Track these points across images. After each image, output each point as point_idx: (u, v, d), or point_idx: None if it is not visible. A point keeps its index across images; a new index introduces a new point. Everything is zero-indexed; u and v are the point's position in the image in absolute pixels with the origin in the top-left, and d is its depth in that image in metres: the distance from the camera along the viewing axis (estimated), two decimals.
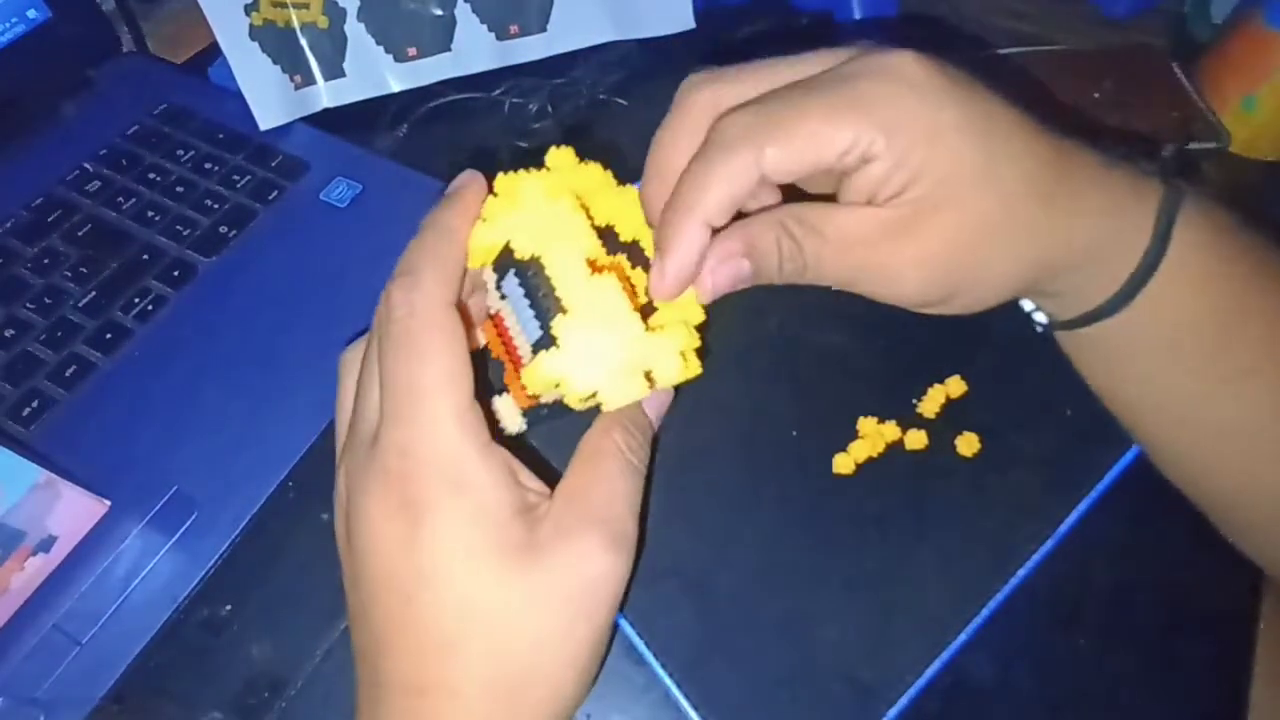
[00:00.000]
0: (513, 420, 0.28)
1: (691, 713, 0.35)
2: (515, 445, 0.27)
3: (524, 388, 0.27)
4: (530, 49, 0.55)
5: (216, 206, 0.50)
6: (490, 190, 0.28)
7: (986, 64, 0.55)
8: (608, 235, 0.29)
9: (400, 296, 0.26)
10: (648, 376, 0.26)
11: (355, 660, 0.28)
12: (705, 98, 0.27)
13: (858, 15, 0.57)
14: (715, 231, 0.26)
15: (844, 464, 0.40)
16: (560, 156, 0.29)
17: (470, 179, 0.29)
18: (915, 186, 0.25)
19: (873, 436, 0.41)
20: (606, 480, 0.27)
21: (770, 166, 0.25)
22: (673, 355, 0.26)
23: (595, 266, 0.27)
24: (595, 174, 0.29)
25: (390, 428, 0.25)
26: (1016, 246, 0.26)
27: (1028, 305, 0.32)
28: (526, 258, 0.27)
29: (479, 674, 0.25)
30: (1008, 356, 0.43)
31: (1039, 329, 0.32)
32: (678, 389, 0.29)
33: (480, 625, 0.25)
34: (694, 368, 0.27)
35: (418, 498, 0.25)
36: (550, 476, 0.28)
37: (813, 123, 0.25)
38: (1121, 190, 0.28)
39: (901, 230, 0.25)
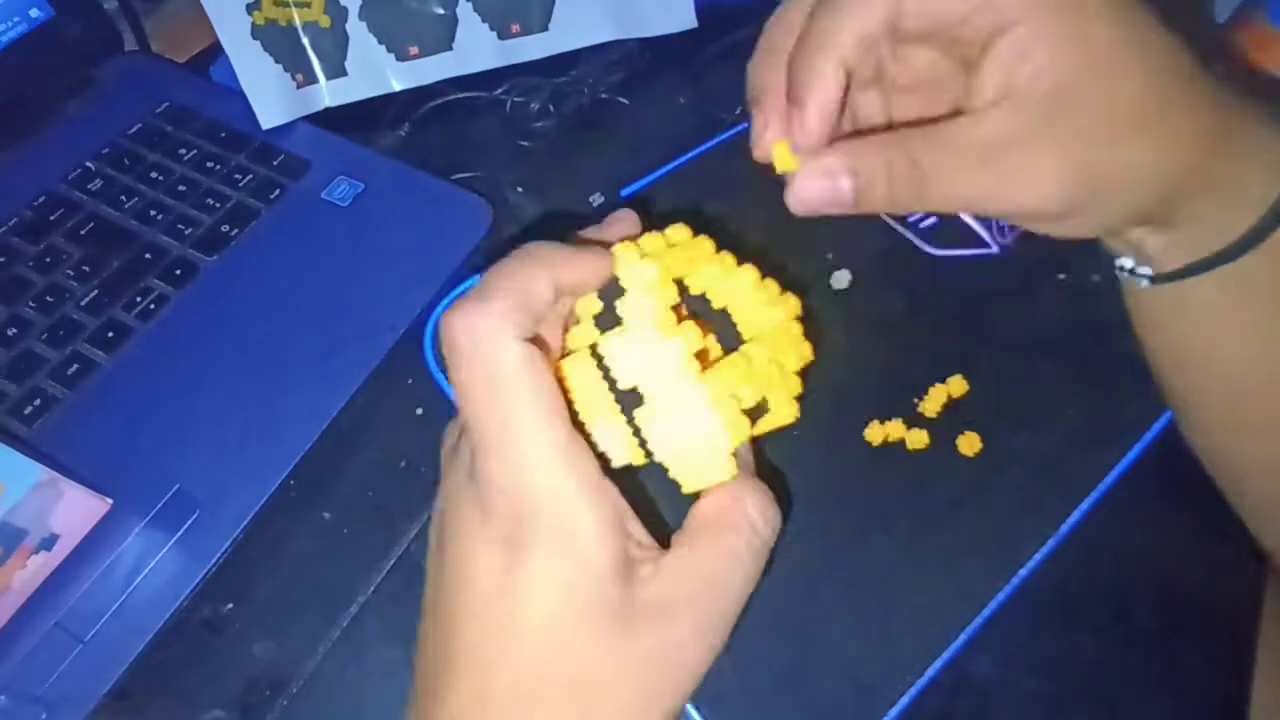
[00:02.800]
0: (619, 451, 0.26)
1: (692, 712, 0.35)
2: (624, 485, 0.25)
3: None
4: (532, 48, 0.55)
5: (218, 205, 0.50)
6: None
7: None
8: (698, 301, 0.28)
9: (461, 323, 0.23)
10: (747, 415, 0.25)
11: (417, 660, 0.26)
12: None
13: None
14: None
15: (875, 435, 0.41)
16: (677, 234, 0.27)
17: (622, 217, 0.27)
18: (1059, 62, 0.23)
19: (873, 437, 0.41)
20: (724, 560, 0.24)
21: (909, 2, 0.23)
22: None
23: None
24: (706, 247, 0.27)
25: (485, 461, 0.23)
26: (1161, 145, 0.24)
27: (1128, 263, 0.30)
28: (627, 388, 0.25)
29: None
30: (1009, 356, 0.43)
31: (1142, 283, 0.30)
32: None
33: (558, 686, 0.23)
34: (791, 413, 0.26)
35: (518, 540, 0.23)
36: (657, 525, 0.26)
37: None
38: (1256, 125, 0.26)
39: (1040, 122, 0.23)
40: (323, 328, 0.45)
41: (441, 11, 0.53)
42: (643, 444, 0.25)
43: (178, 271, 0.47)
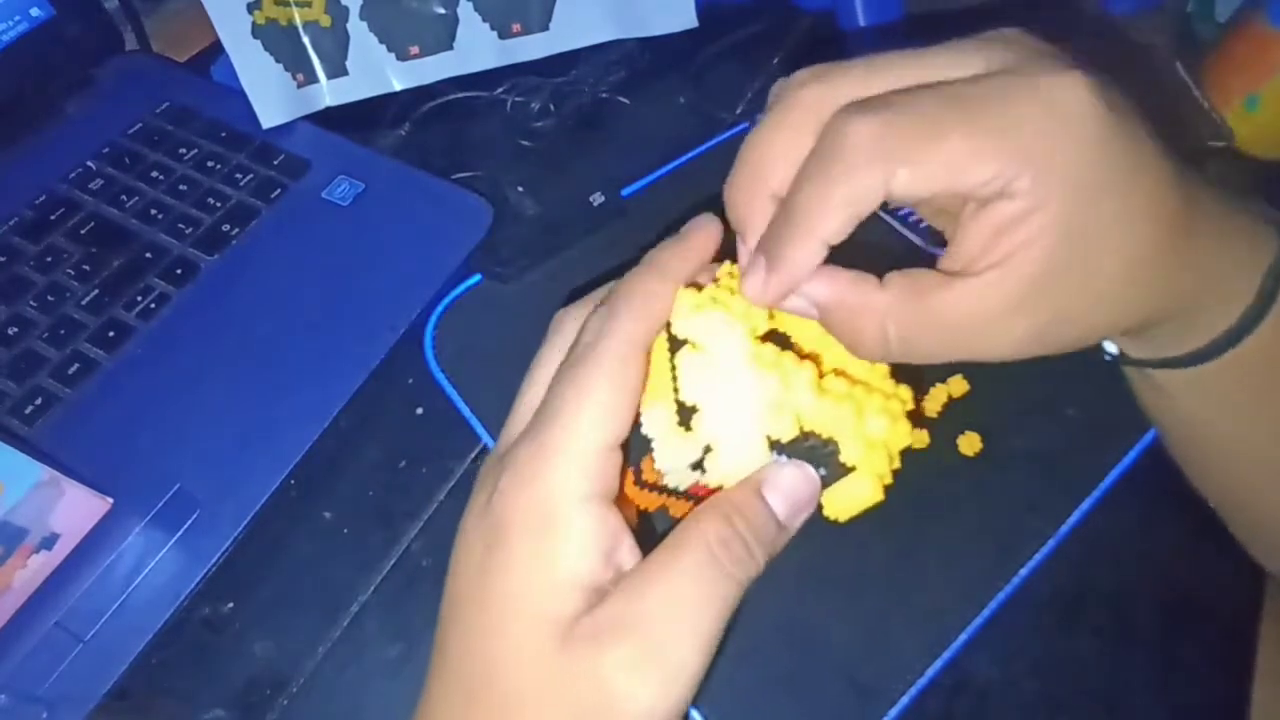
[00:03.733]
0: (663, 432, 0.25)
1: (693, 712, 0.35)
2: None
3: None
4: (532, 48, 0.55)
5: (219, 205, 0.50)
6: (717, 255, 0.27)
7: None
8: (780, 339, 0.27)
9: (595, 324, 0.25)
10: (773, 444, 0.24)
11: None
12: (813, 96, 0.24)
13: (862, 22, 0.56)
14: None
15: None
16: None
17: (705, 225, 0.27)
18: (1042, 241, 0.22)
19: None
20: (672, 581, 0.23)
21: (900, 190, 0.22)
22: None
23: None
24: None
25: (523, 444, 0.24)
26: (1129, 301, 0.24)
27: None
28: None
29: None
30: None
31: (1106, 358, 0.31)
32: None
33: (495, 692, 0.23)
34: (875, 492, 0.26)
35: (504, 525, 0.24)
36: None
37: (953, 147, 0.21)
38: (1236, 240, 0.26)
39: (1017, 303, 0.23)
40: (323, 327, 0.45)
41: (442, 11, 0.53)
42: (684, 421, 0.25)
43: (178, 271, 0.47)
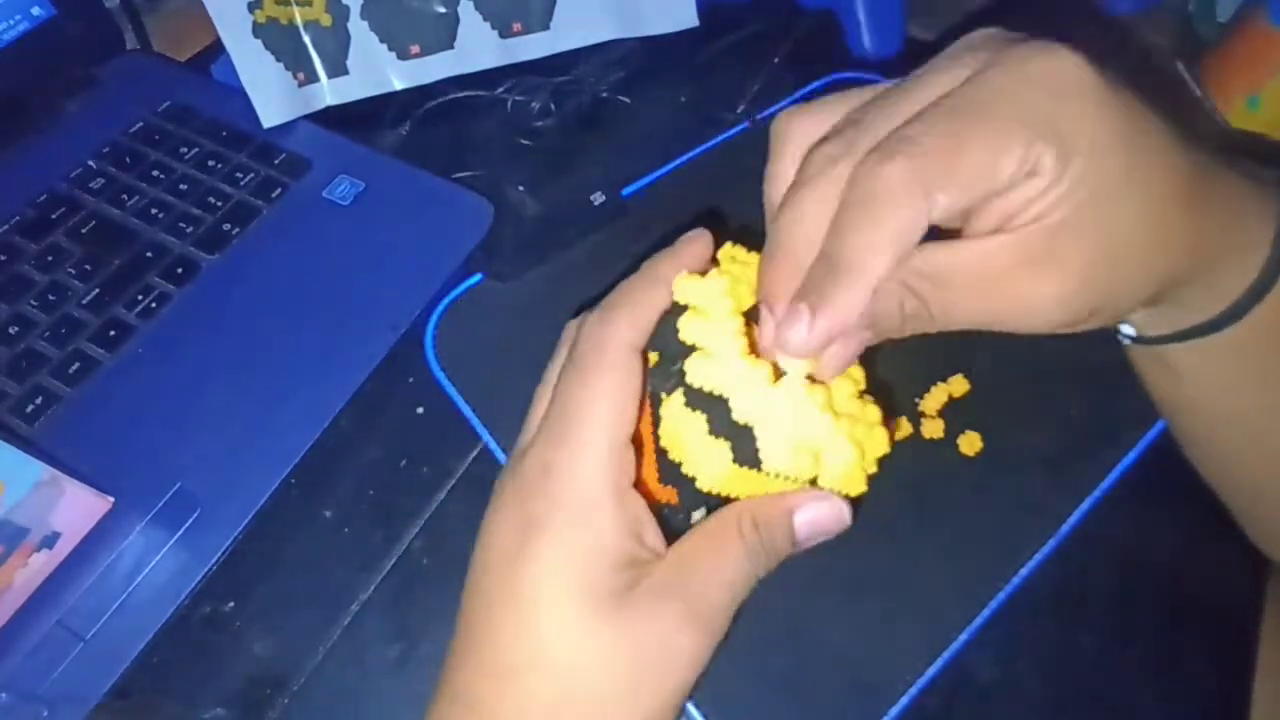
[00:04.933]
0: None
1: (693, 711, 0.35)
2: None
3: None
4: (533, 47, 0.55)
5: (219, 204, 0.50)
6: (715, 256, 0.29)
7: None
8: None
9: (591, 329, 0.27)
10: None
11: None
12: (806, 129, 0.26)
13: (861, 17, 0.56)
14: None
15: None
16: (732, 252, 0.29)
17: (697, 237, 0.29)
18: (1065, 203, 0.23)
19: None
20: (717, 560, 0.26)
21: (941, 213, 0.22)
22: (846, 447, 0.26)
23: None
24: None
25: (542, 445, 0.26)
26: (1153, 260, 0.25)
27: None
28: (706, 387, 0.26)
29: (531, 712, 0.25)
30: (1011, 355, 0.43)
31: (1125, 342, 0.31)
32: None
33: (547, 665, 0.24)
34: (859, 483, 0.27)
35: (538, 517, 0.25)
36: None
37: (979, 150, 0.22)
38: (1245, 202, 0.27)
39: (1041, 256, 0.23)
40: (323, 327, 0.45)
41: (443, 10, 0.53)
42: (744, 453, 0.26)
43: (179, 270, 0.47)
